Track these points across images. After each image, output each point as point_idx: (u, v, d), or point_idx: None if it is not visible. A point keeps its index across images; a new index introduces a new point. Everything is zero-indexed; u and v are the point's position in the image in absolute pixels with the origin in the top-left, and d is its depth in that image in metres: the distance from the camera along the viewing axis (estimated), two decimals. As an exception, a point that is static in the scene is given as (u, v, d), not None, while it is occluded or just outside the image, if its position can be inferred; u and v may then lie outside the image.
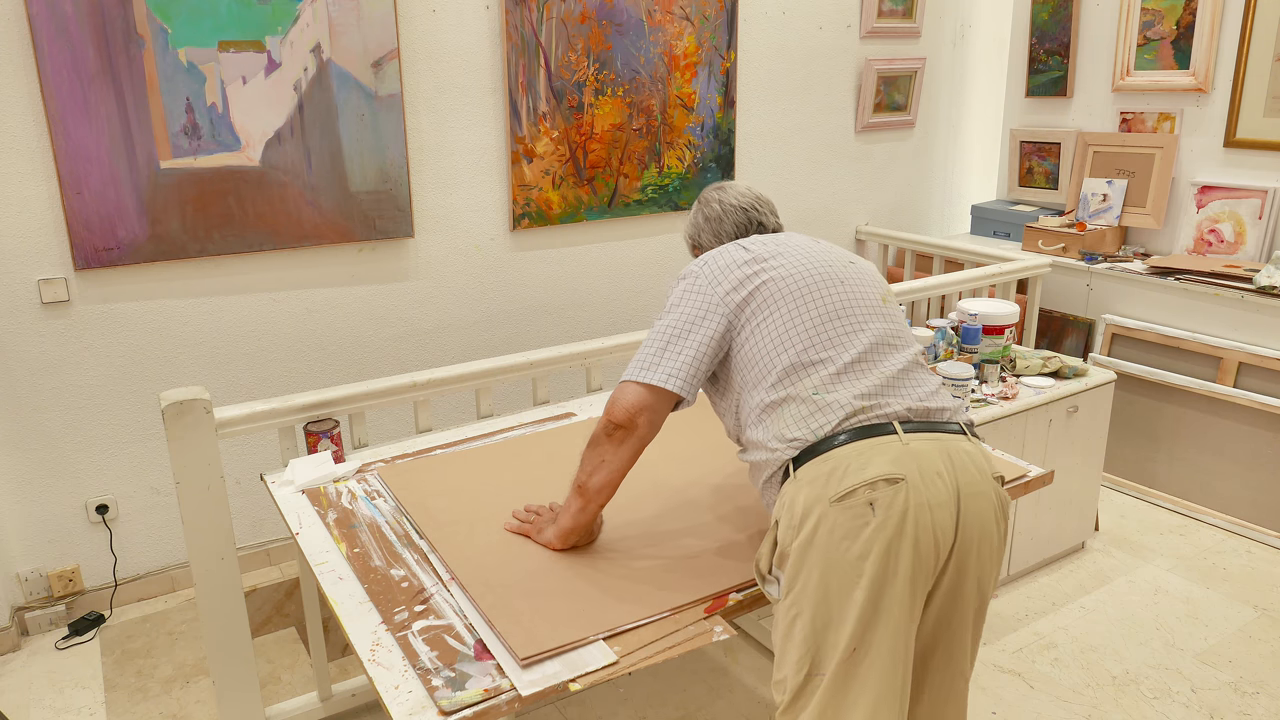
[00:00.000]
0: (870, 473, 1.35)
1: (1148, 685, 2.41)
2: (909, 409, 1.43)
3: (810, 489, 1.37)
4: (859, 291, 1.54)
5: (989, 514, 1.42)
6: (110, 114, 2.48)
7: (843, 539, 1.33)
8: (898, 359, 1.50)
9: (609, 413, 1.51)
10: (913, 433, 1.41)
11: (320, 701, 2.28)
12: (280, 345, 2.90)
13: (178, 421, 1.81)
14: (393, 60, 2.83)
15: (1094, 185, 3.79)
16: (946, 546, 1.37)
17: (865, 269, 1.61)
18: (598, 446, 1.55)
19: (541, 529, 1.69)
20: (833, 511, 1.34)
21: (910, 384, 1.48)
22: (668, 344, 1.50)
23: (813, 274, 1.53)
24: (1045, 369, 2.83)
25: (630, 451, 1.53)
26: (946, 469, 1.38)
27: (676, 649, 1.42)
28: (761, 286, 1.52)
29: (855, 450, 1.38)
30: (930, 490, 1.35)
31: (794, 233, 1.70)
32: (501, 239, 3.21)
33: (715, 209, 1.76)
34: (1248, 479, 3.14)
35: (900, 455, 1.37)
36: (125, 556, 2.82)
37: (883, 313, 1.54)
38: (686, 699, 2.38)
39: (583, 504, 1.59)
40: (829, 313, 1.50)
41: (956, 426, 1.46)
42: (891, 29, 3.96)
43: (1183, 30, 3.47)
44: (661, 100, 3.38)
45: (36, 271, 2.52)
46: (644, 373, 1.49)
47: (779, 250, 1.57)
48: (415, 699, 1.30)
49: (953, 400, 1.52)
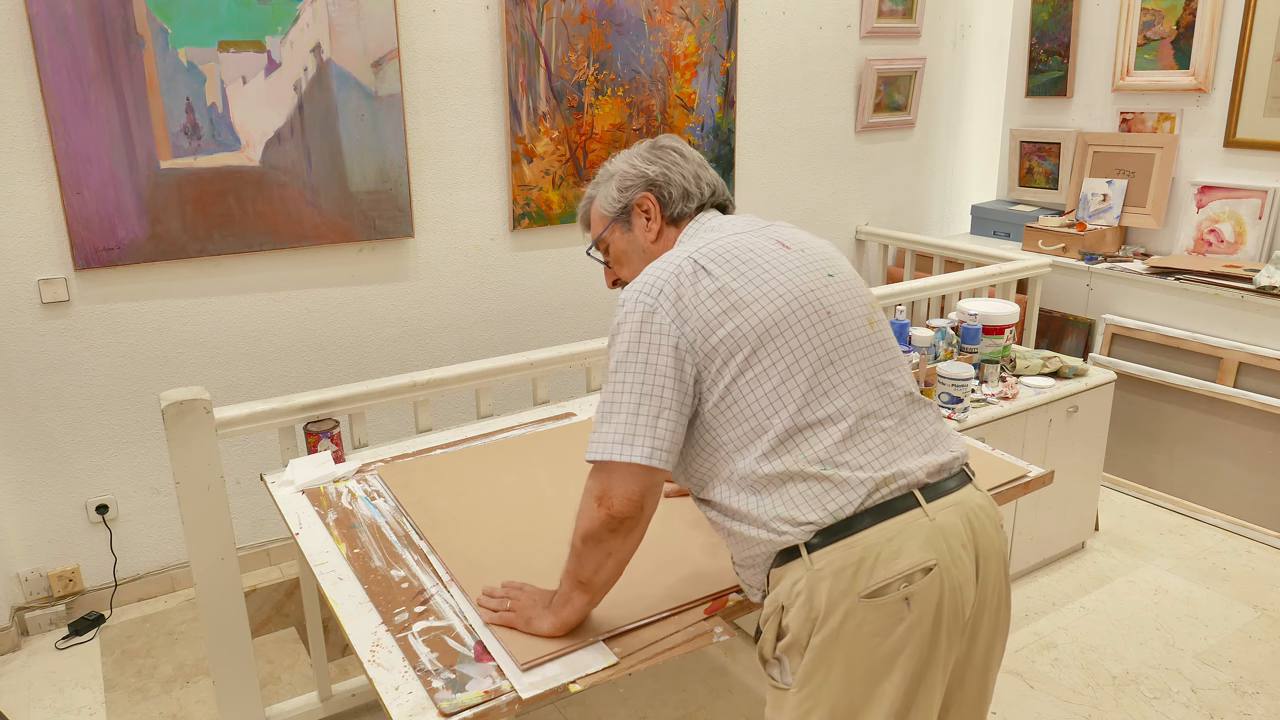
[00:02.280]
0: (904, 563, 1.21)
1: (1148, 685, 2.41)
2: (926, 470, 1.28)
3: (835, 582, 1.20)
4: (847, 321, 1.33)
5: (1000, 571, 1.33)
6: (110, 114, 2.48)
7: (873, 635, 1.21)
8: (898, 399, 1.33)
9: (608, 506, 1.26)
10: (936, 500, 1.27)
11: (320, 701, 2.28)
12: (280, 345, 2.90)
13: (178, 421, 1.81)
14: (393, 60, 2.83)
15: (1094, 185, 3.79)
16: (969, 615, 1.28)
17: (846, 281, 1.37)
18: (601, 543, 1.30)
19: (531, 619, 1.41)
20: (862, 608, 1.20)
21: (915, 429, 1.33)
22: (642, 408, 1.24)
23: (794, 307, 1.29)
24: (1045, 369, 2.83)
25: (637, 537, 1.32)
26: (969, 538, 1.28)
27: (676, 650, 1.42)
28: (732, 333, 1.26)
29: (884, 535, 1.22)
30: (960, 569, 1.25)
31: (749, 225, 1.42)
32: (501, 239, 3.21)
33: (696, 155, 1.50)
34: (1248, 479, 3.14)
35: (931, 536, 1.24)
36: (125, 556, 2.82)
37: (874, 341, 1.35)
38: (686, 699, 2.38)
39: (589, 599, 1.38)
40: (822, 358, 1.28)
41: (965, 475, 1.34)
42: (891, 29, 3.96)
43: (1183, 30, 3.47)
44: (661, 100, 3.38)
45: (36, 271, 2.52)
46: (629, 450, 1.24)
47: (747, 275, 1.30)
48: (415, 700, 1.30)
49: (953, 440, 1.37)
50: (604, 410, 1.28)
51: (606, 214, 1.50)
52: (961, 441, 1.39)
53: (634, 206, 1.47)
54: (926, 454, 1.31)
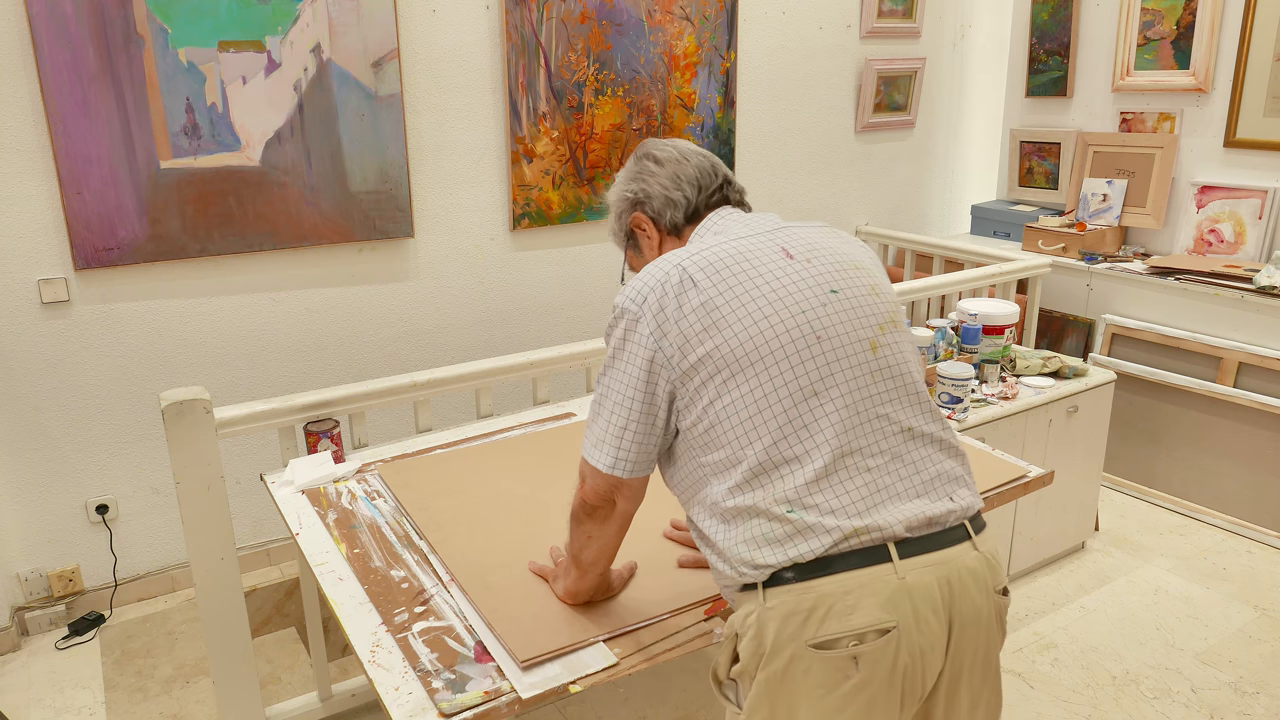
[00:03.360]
0: (858, 620, 1.13)
1: (1148, 685, 2.41)
2: (907, 523, 1.18)
3: (783, 625, 1.15)
4: (842, 346, 1.23)
5: (982, 639, 1.22)
6: (110, 114, 2.48)
7: (817, 686, 1.15)
8: (892, 435, 1.23)
9: (583, 493, 1.32)
10: (910, 558, 1.17)
11: (320, 701, 2.28)
12: (280, 345, 2.90)
13: (178, 421, 1.81)
14: (393, 60, 2.83)
15: (1094, 185, 3.79)
16: (933, 681, 1.20)
17: (852, 298, 1.27)
18: (581, 524, 1.37)
19: (556, 577, 1.53)
20: (808, 656, 1.14)
21: (911, 469, 1.23)
22: (613, 418, 1.26)
23: (778, 330, 1.21)
24: (1045, 369, 2.83)
25: (616, 526, 1.35)
26: (944, 602, 1.17)
27: (676, 651, 1.42)
28: (711, 354, 1.20)
29: (842, 587, 1.14)
30: (923, 634, 1.15)
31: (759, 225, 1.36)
32: (501, 239, 3.21)
33: (671, 152, 1.43)
34: (1248, 479, 3.14)
35: (894, 595, 1.14)
36: (125, 556, 2.82)
37: (875, 369, 1.24)
38: (686, 699, 2.38)
39: (580, 574, 1.45)
40: (804, 388, 1.20)
41: (962, 531, 1.22)
42: (891, 29, 3.96)
43: (1183, 30, 3.47)
44: (661, 100, 3.38)
45: (36, 271, 2.52)
46: (596, 455, 1.28)
47: (735, 290, 1.23)
48: (415, 700, 1.30)
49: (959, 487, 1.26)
50: (590, 410, 1.31)
51: (620, 244, 1.51)
52: (971, 490, 1.27)
53: (633, 229, 1.46)
54: (917, 499, 1.21)
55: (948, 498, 1.23)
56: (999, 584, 1.25)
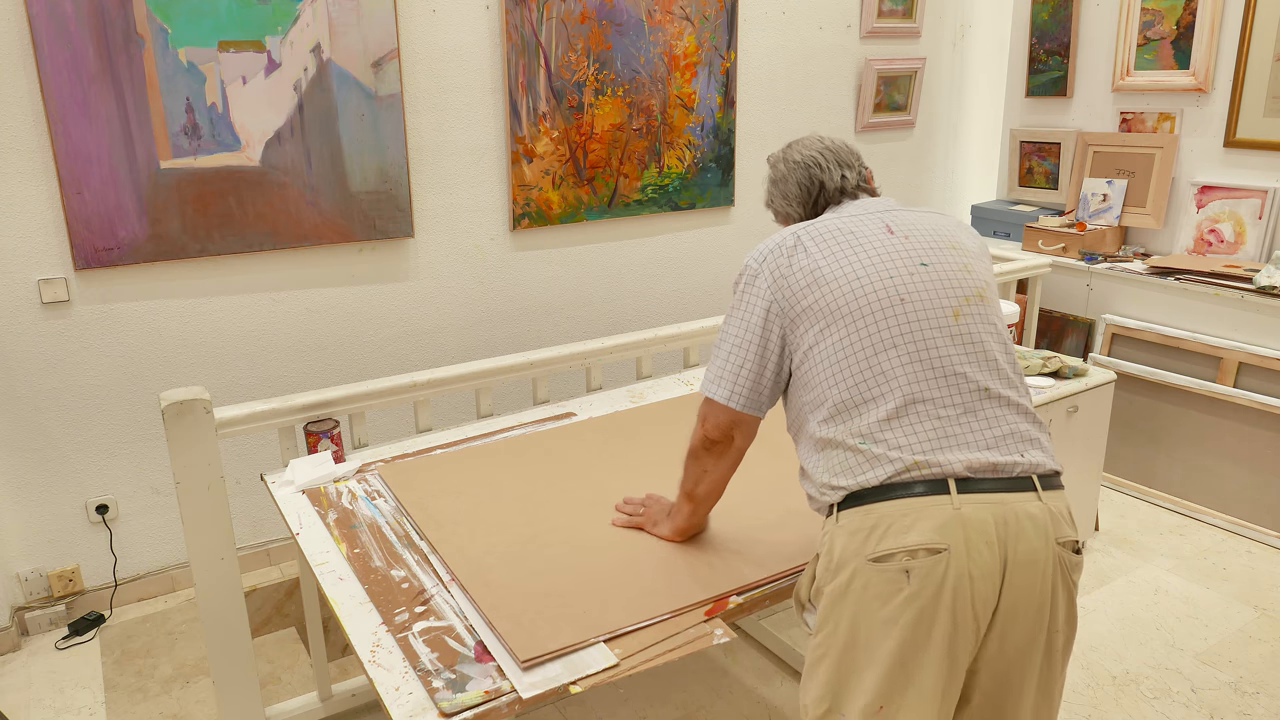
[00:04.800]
0: (912, 539, 1.28)
1: (1148, 685, 2.41)
2: (970, 465, 1.31)
3: (849, 540, 1.32)
4: (924, 310, 1.39)
5: (1040, 584, 1.30)
6: (110, 114, 2.48)
7: (874, 598, 1.29)
8: (968, 391, 1.36)
9: (705, 429, 1.52)
10: (968, 494, 1.30)
11: (320, 701, 2.28)
12: (280, 345, 2.90)
13: (178, 421, 1.81)
14: (393, 60, 2.83)
15: (1094, 185, 3.79)
16: (986, 618, 1.29)
17: (941, 272, 1.43)
18: (699, 459, 1.58)
19: (657, 522, 1.73)
20: (867, 569, 1.30)
21: (979, 425, 1.35)
22: (740, 360, 1.46)
23: (869, 291, 1.40)
24: (1045, 369, 2.83)
25: (730, 461, 1.56)
26: (998, 538, 1.28)
27: (677, 651, 1.42)
28: (812, 306, 1.41)
29: (900, 509, 1.30)
30: (975, 561, 1.27)
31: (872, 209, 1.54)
32: (501, 239, 3.21)
33: (780, 169, 1.65)
34: (1248, 479, 3.14)
35: (948, 522, 1.28)
36: (125, 556, 2.82)
37: (953, 332, 1.39)
38: (686, 699, 2.38)
39: (692, 508, 1.66)
40: (883, 341, 1.37)
41: (1028, 482, 1.33)
42: (891, 29, 3.96)
43: (1183, 30, 3.47)
44: (661, 100, 3.38)
45: (36, 271, 2.52)
46: (715, 389, 1.48)
47: (838, 256, 1.43)
48: (416, 700, 1.30)
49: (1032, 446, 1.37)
50: (712, 354, 1.52)
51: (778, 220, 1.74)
52: (1046, 454, 1.38)
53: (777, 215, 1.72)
54: (986, 450, 1.33)
55: (1018, 454, 1.35)
56: (1062, 535, 1.33)
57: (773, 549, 1.69)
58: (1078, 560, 1.35)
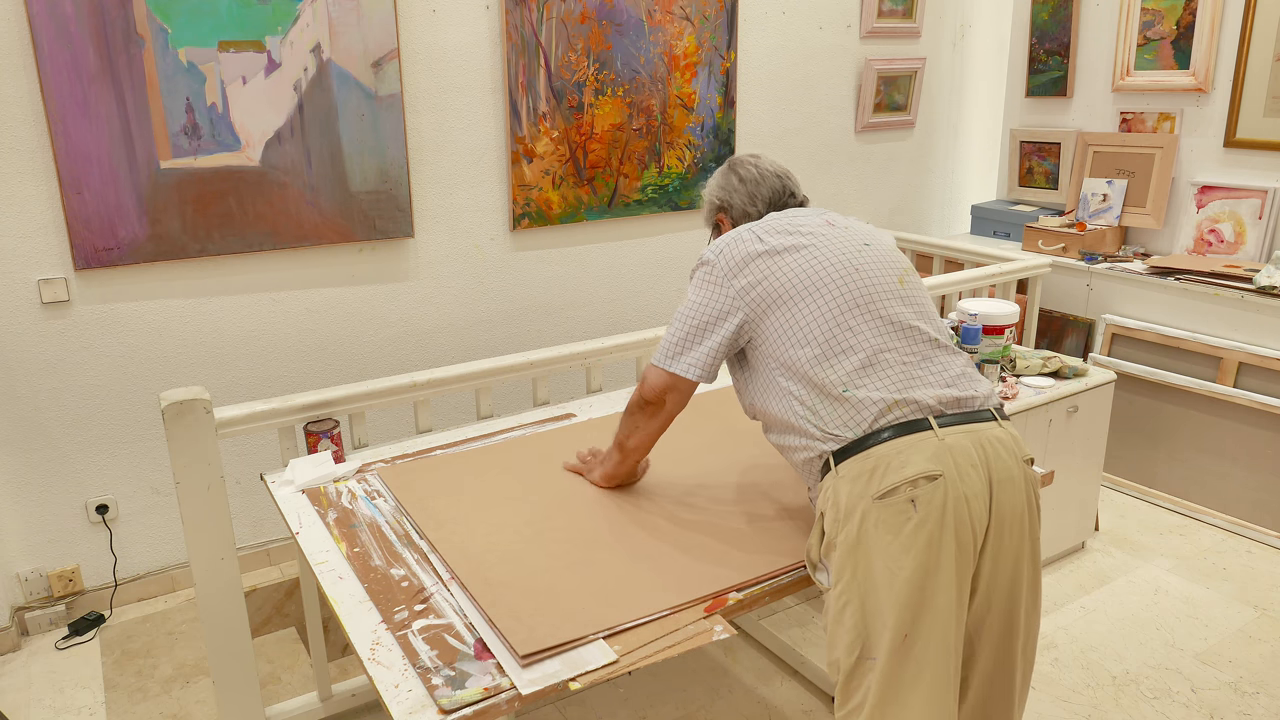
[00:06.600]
0: (910, 470, 1.42)
1: (1148, 685, 2.41)
2: (939, 400, 1.50)
3: (853, 486, 1.46)
4: (875, 278, 1.60)
5: (1019, 498, 1.49)
6: (110, 114, 2.48)
7: (886, 532, 1.42)
8: (922, 341, 1.57)
9: (641, 390, 1.70)
10: (948, 426, 1.48)
11: (320, 701, 2.28)
12: (280, 345, 2.90)
13: (178, 421, 1.81)
14: (393, 60, 2.83)
15: (1094, 185, 3.79)
16: (981, 533, 1.45)
17: (881, 251, 1.66)
18: (633, 415, 1.75)
19: (592, 469, 1.94)
20: (876, 508, 1.43)
21: (936, 369, 1.55)
22: (689, 334, 1.63)
23: (828, 266, 1.59)
24: (1045, 369, 2.83)
25: (660, 423, 1.74)
26: (980, 460, 1.46)
27: (676, 648, 1.42)
28: (777, 283, 1.59)
29: (895, 449, 1.45)
30: (966, 483, 1.43)
31: (811, 211, 1.75)
32: (501, 239, 3.21)
33: (753, 172, 1.82)
34: (1248, 479, 3.14)
35: (938, 451, 1.44)
36: (125, 556, 2.82)
37: (901, 295, 1.60)
38: (686, 699, 2.38)
39: (620, 458, 1.84)
40: (847, 303, 1.56)
41: (988, 414, 1.53)
42: (891, 29, 3.96)
43: (1183, 30, 3.47)
44: (661, 100, 3.38)
45: (36, 271, 2.52)
46: (669, 361, 1.65)
47: (794, 243, 1.62)
48: (415, 698, 1.30)
49: (980, 383, 1.58)
50: (668, 330, 1.67)
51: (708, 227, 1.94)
52: (987, 385, 1.59)
53: (717, 222, 1.89)
54: (946, 388, 1.52)
55: (972, 389, 1.55)
56: (1024, 454, 1.54)
57: (772, 546, 1.69)
58: (1037, 476, 1.57)
